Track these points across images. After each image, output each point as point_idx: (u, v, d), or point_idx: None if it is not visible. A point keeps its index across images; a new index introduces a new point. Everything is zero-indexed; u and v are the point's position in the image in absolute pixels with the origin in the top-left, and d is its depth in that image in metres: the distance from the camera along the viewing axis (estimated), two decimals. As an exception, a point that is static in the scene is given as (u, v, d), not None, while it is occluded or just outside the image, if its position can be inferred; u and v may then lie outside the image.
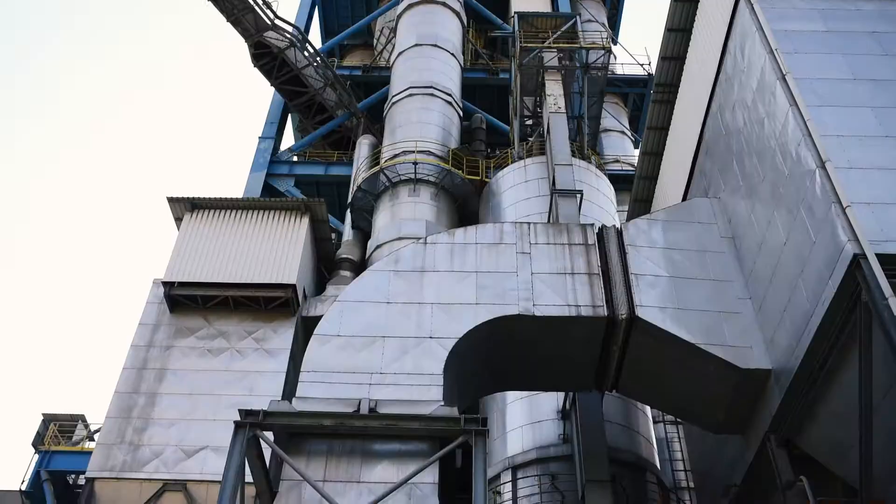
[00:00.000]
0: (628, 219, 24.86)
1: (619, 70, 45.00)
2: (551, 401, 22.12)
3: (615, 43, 47.02)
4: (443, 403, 14.56)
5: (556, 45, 29.49)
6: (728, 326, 16.28)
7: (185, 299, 23.33)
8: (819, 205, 14.05)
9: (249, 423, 13.70)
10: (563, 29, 30.62)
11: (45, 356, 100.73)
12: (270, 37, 35.78)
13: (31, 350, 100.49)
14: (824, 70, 16.41)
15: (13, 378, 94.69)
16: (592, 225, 18.25)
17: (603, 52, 30.06)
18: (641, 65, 44.20)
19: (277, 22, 35.85)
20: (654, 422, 25.95)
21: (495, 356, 17.34)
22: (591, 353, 17.29)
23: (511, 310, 16.35)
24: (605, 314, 16.40)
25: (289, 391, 21.39)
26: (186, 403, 21.35)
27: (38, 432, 31.56)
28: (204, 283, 23.33)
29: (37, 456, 29.80)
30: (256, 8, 35.15)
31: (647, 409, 23.79)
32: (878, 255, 12.77)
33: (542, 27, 31.49)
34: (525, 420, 22.21)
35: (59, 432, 31.54)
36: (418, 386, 14.96)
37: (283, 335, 22.93)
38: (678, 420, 27.47)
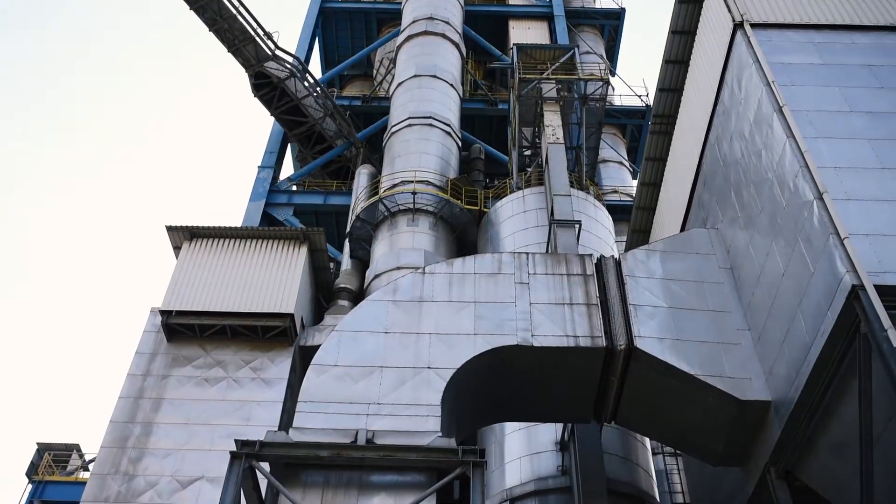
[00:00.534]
0: (626, 249, 24.86)
1: (618, 101, 45.36)
2: (550, 432, 21.98)
3: (613, 74, 47.39)
4: (440, 434, 14.47)
5: (554, 77, 29.73)
6: (727, 357, 16.22)
7: (182, 328, 23.25)
8: (817, 236, 14.07)
9: (245, 454, 13.60)
10: (561, 60, 30.87)
11: (40, 384, 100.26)
12: (271, 67, 36.04)
13: (27, 378, 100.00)
14: (821, 102, 16.53)
15: (7, 406, 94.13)
16: (591, 255, 18.25)
17: (601, 83, 30.28)
18: (639, 96, 44.62)
19: (278, 52, 36.13)
20: (654, 453, 25.77)
21: (493, 387, 17.25)
22: (590, 384, 17.20)
23: (509, 340, 16.30)
24: (604, 345, 16.34)
25: (286, 421, 21.24)
26: (182, 433, 21.20)
27: (32, 462, 31.38)
28: (201, 312, 23.26)
29: (30, 486, 29.59)
30: (257, 39, 35.44)
31: (647, 440, 23.64)
32: (877, 287, 12.78)
33: (540, 59, 31.76)
34: (523, 451, 22.05)
35: (53, 462, 31.34)
36: (416, 416, 14.88)
37: (280, 365, 22.83)
38: (677, 452, 27.29)
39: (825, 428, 14.17)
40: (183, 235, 25.36)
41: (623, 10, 50.97)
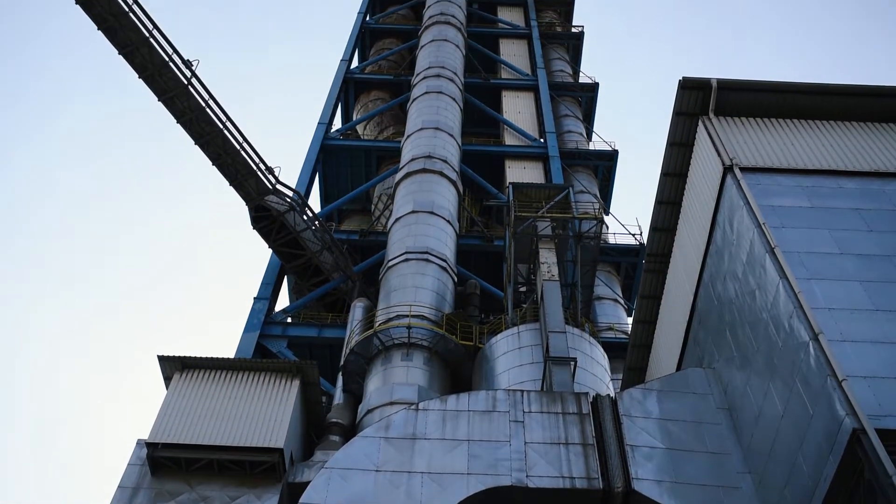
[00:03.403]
0: (622, 388, 24.64)
1: (612, 239, 45.98)
2: (545, 579, 21.07)
3: (607, 213, 48.32)
4: (431, 581, 13.88)
5: (549, 215, 30.20)
6: (728, 502, 15.79)
7: (168, 461, 22.66)
8: (814, 377, 13.97)
9: None
10: (556, 199, 31.47)
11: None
12: (271, 200, 36.70)
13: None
14: (812, 244, 16.81)
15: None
16: (587, 394, 18.08)
17: (595, 222, 30.73)
18: (633, 235, 45.23)
19: (279, 187, 36.90)
20: None
21: (487, 529, 16.68)
22: (587, 528, 16.65)
23: (504, 480, 15.90)
24: (601, 486, 15.95)
25: (270, 563, 20.38)
26: (161, 575, 20.27)
27: None
28: (189, 445, 22.70)
29: None
30: (259, 173, 36.27)
31: (646, 589, 22.66)
32: (878, 431, 12.60)
33: (535, 197, 32.38)
34: None
35: None
36: (406, 561, 14.31)
37: (267, 502, 22.09)
38: None
39: (832, 579, 13.61)
40: (174, 366, 25.09)
41: (616, 151, 52.48)
